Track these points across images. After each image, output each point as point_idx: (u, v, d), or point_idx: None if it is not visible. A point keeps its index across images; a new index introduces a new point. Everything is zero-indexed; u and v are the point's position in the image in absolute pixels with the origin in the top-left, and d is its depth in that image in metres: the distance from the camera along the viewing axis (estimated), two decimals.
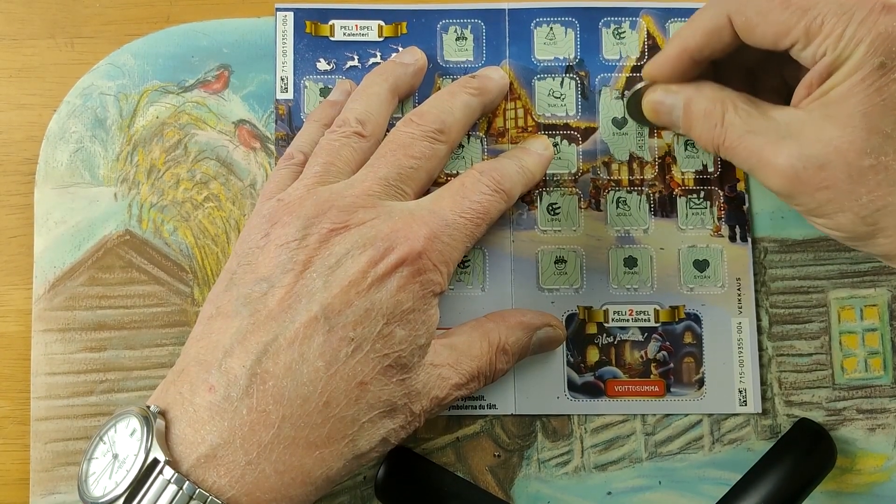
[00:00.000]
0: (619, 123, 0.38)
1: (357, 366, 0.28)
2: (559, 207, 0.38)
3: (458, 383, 0.32)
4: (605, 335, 0.37)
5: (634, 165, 0.38)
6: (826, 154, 0.28)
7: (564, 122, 0.38)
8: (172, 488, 0.25)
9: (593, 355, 0.37)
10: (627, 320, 0.37)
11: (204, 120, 0.38)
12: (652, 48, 0.38)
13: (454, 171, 0.37)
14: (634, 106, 0.36)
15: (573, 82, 0.38)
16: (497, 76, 0.37)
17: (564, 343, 0.37)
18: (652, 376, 0.36)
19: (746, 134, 0.30)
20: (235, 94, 0.38)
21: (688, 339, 0.37)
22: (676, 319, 0.37)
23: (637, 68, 0.38)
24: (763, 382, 0.36)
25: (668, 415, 0.37)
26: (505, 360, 0.33)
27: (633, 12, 0.38)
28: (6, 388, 0.37)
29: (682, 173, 0.38)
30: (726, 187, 0.38)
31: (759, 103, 0.31)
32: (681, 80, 0.34)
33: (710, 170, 0.38)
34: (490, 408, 0.36)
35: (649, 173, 0.38)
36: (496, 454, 0.37)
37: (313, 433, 0.27)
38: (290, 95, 0.38)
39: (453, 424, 0.37)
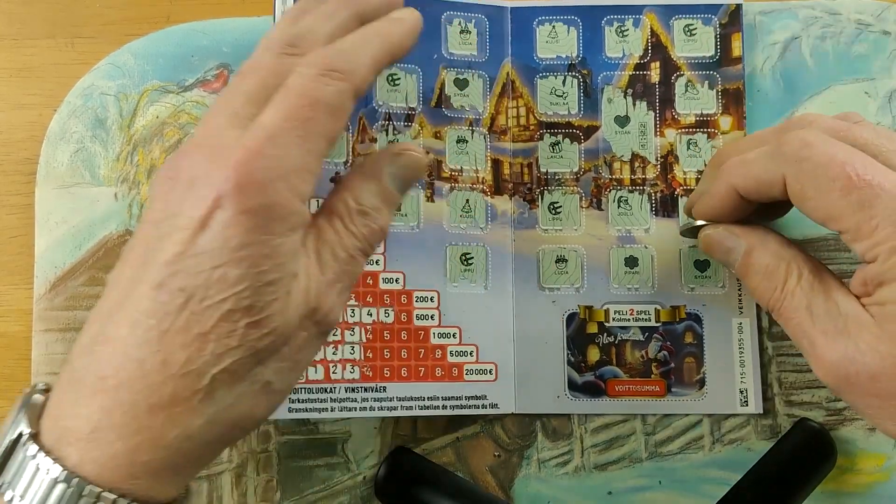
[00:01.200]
0: (621, 122, 0.38)
1: (192, 317, 0.25)
2: (560, 206, 0.38)
3: (330, 281, 0.28)
4: (605, 335, 0.37)
5: (636, 164, 0.38)
6: (881, 368, 0.27)
7: (567, 120, 0.38)
8: (28, 461, 0.25)
9: (594, 355, 0.37)
10: (628, 320, 0.37)
11: None
12: (656, 46, 0.38)
13: (459, 167, 0.37)
14: (690, 234, 0.35)
15: (575, 81, 0.38)
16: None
17: (565, 342, 0.37)
18: (653, 376, 0.36)
19: (804, 311, 0.29)
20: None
21: (689, 339, 0.37)
22: (677, 319, 0.37)
23: (640, 66, 0.38)
24: (763, 382, 0.36)
25: (668, 415, 0.37)
26: (366, 220, 0.29)
27: (636, 10, 0.38)
28: (6, 388, 0.37)
29: (685, 173, 0.38)
30: None
31: (825, 277, 0.30)
32: (733, 218, 0.32)
33: None
34: (492, 407, 0.36)
35: (651, 173, 0.38)
36: (496, 454, 0.37)
37: (154, 394, 0.25)
38: None
39: (453, 424, 0.37)
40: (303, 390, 0.35)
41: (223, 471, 0.36)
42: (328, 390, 0.35)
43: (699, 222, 0.33)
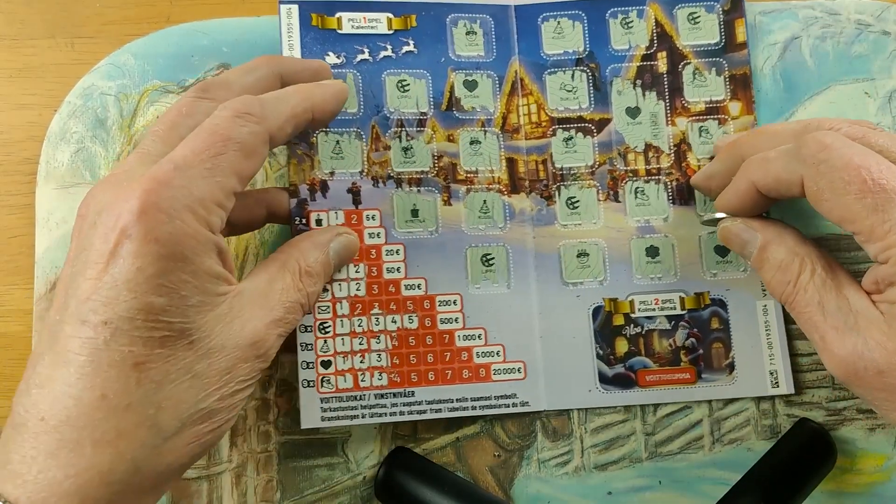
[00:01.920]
0: (632, 113, 0.38)
1: (123, 348, 0.26)
2: (578, 201, 0.38)
3: (275, 319, 0.30)
4: (632, 326, 0.37)
5: (650, 154, 0.38)
6: (889, 364, 0.28)
7: (578, 114, 0.38)
8: None
9: (622, 346, 0.37)
10: (654, 309, 0.37)
11: None
12: (661, 36, 0.38)
13: (474, 168, 0.37)
14: (711, 224, 0.37)
15: (584, 75, 0.38)
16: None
17: (592, 336, 0.37)
18: (682, 364, 0.37)
19: (816, 306, 0.30)
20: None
21: (715, 324, 0.37)
22: (702, 306, 0.37)
23: (647, 56, 0.38)
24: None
25: (669, 414, 0.37)
26: (312, 282, 0.32)
27: (639, 1, 0.38)
28: (6, 388, 0.37)
29: (698, 160, 0.38)
30: None
31: (838, 273, 0.31)
32: (752, 213, 0.34)
33: None
34: (522, 405, 0.36)
35: (666, 162, 0.38)
36: (496, 454, 0.37)
37: (98, 430, 0.25)
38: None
39: (453, 424, 0.37)
40: (333, 399, 0.35)
41: (223, 471, 0.36)
42: (358, 398, 0.35)
43: (719, 214, 0.34)
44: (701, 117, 0.38)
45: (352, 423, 0.35)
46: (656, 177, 0.38)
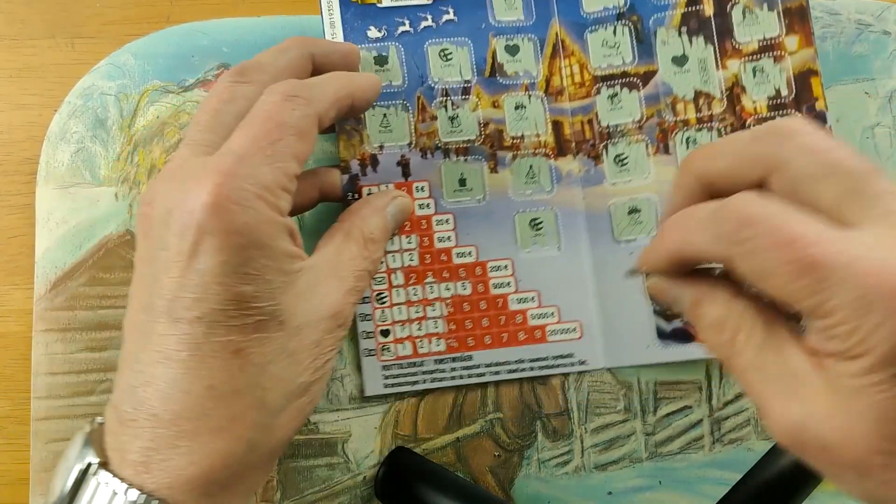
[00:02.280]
0: (679, 62, 0.37)
1: (222, 339, 0.27)
2: (626, 157, 0.37)
3: (348, 289, 0.31)
4: None
5: (701, 102, 0.37)
6: (834, 440, 0.25)
7: (622, 70, 0.38)
8: (101, 487, 0.26)
9: None
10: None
11: None
12: None
13: (520, 134, 0.37)
14: (633, 277, 0.33)
15: (626, 29, 0.38)
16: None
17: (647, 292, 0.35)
18: None
19: (755, 371, 0.27)
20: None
21: None
22: None
23: (692, 1, 0.37)
24: None
25: (668, 414, 0.37)
26: (375, 248, 0.33)
27: None
28: (6, 387, 0.37)
29: (754, 101, 0.37)
30: (804, 108, 0.37)
31: (777, 331, 0.27)
32: (681, 272, 0.30)
33: (785, 93, 0.37)
34: (580, 363, 0.36)
35: (718, 108, 0.37)
36: (496, 454, 0.37)
37: (212, 418, 0.26)
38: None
39: (453, 424, 0.37)
40: (394, 366, 0.36)
41: None
42: (417, 364, 0.36)
43: (641, 274, 0.31)
44: (755, 57, 0.37)
45: (413, 388, 0.36)
46: (708, 124, 0.37)
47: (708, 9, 0.37)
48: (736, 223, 0.25)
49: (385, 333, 0.36)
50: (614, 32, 0.38)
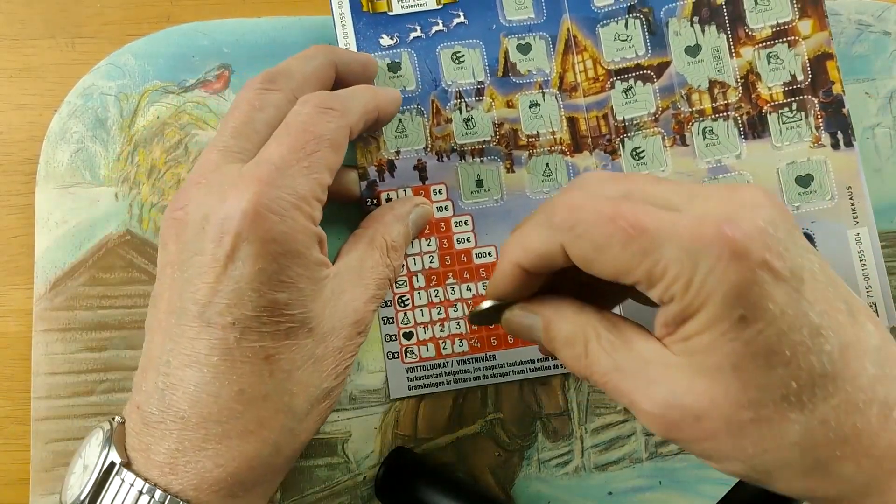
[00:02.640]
0: (692, 52, 0.37)
1: (253, 345, 0.27)
2: (643, 151, 0.37)
3: (370, 297, 0.32)
4: None
5: (716, 91, 0.37)
6: (700, 406, 0.25)
7: (635, 63, 0.37)
8: (126, 486, 0.26)
9: None
10: None
11: (205, 120, 0.38)
12: None
13: (535, 132, 0.37)
14: (480, 320, 0.32)
15: (638, 21, 0.38)
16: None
17: None
18: None
19: (614, 371, 0.27)
20: (236, 94, 0.38)
21: None
22: None
23: None
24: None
25: None
26: (396, 255, 0.34)
27: None
28: (7, 388, 0.37)
29: (769, 88, 0.37)
30: (821, 93, 0.36)
31: (624, 330, 0.28)
32: (526, 294, 0.30)
33: (800, 78, 0.36)
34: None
35: (733, 96, 0.37)
36: (496, 454, 0.37)
37: (241, 422, 0.27)
38: None
39: (453, 424, 0.37)
40: (418, 368, 0.36)
41: None
42: (441, 365, 0.36)
43: (485, 304, 0.31)
44: (769, 43, 0.37)
45: (437, 389, 0.36)
46: (724, 113, 0.37)
47: None
48: (566, 210, 0.27)
49: (408, 336, 0.37)
50: (626, 25, 0.38)
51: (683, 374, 0.26)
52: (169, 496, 0.26)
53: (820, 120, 0.36)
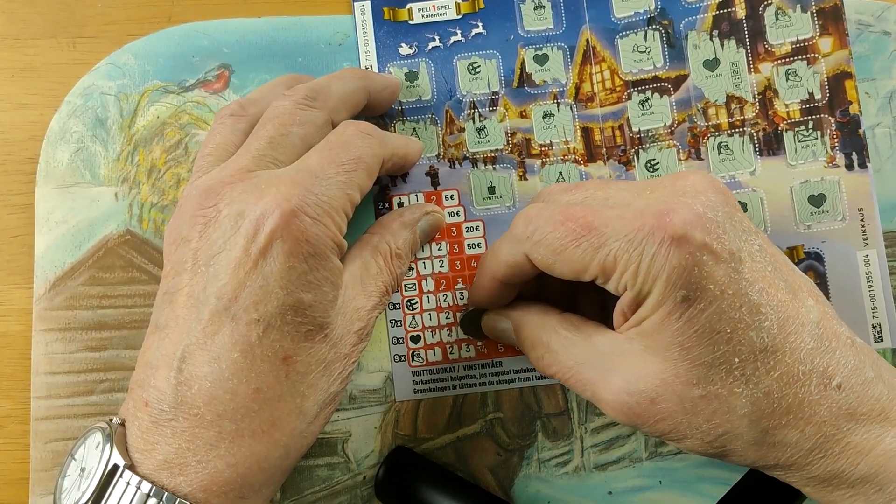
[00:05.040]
0: (710, 65, 0.37)
1: (274, 344, 0.28)
2: (658, 163, 0.37)
3: (373, 306, 0.32)
4: None
5: (733, 106, 0.37)
6: (654, 388, 0.27)
7: (653, 74, 0.38)
8: (132, 490, 0.26)
9: None
10: None
11: (205, 120, 0.38)
12: None
13: (548, 141, 0.37)
14: (468, 325, 0.36)
15: (657, 33, 0.38)
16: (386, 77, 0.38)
17: None
18: None
19: (575, 366, 0.30)
20: (236, 94, 0.38)
21: (811, 279, 0.34)
22: (796, 260, 0.36)
23: (723, 4, 0.37)
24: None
25: None
26: (400, 263, 0.34)
27: None
28: (7, 387, 0.37)
29: (787, 105, 0.36)
30: (837, 112, 0.36)
31: (582, 327, 0.31)
32: (504, 302, 0.34)
33: (818, 96, 0.36)
34: None
35: (750, 112, 0.37)
36: (496, 454, 0.37)
37: (255, 421, 0.27)
38: None
39: (453, 424, 0.37)
40: (424, 372, 0.36)
41: None
42: (448, 370, 0.36)
43: (468, 310, 0.35)
44: (787, 59, 0.37)
45: (443, 394, 0.36)
46: (740, 129, 0.37)
47: (740, 11, 0.37)
48: (524, 221, 0.30)
49: (415, 339, 0.37)
50: (645, 37, 0.38)
51: (637, 360, 0.28)
52: (178, 499, 0.26)
53: (836, 140, 0.36)
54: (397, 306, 0.37)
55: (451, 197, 0.37)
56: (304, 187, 0.29)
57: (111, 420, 0.28)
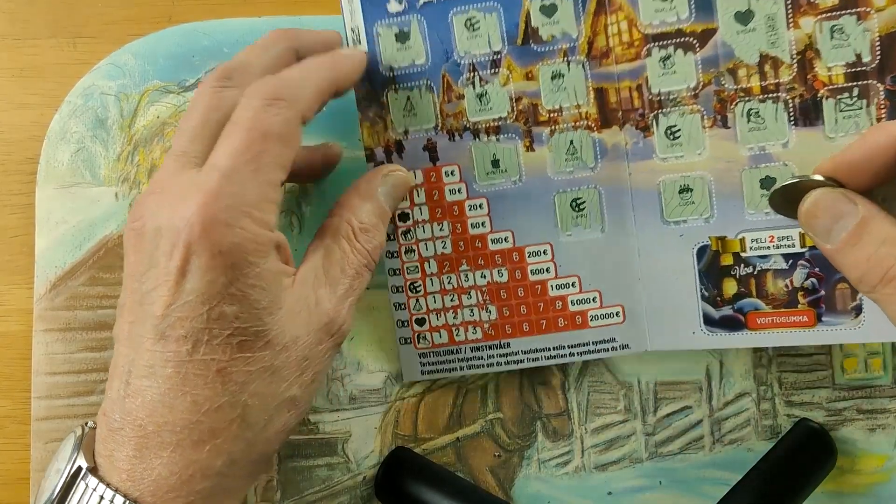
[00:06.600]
0: (743, 18, 0.32)
1: (205, 357, 0.27)
2: (679, 130, 0.33)
3: (342, 294, 0.30)
4: (742, 266, 0.33)
5: (767, 67, 0.32)
6: None
7: (676, 27, 0.33)
8: (90, 492, 0.27)
9: (730, 287, 0.34)
10: (768, 248, 0.33)
11: None
12: None
13: (557, 106, 0.34)
14: (780, 199, 0.31)
15: None
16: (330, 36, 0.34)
17: (697, 276, 0.34)
18: (800, 306, 0.33)
19: None
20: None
21: None
22: None
23: None
24: (762, 383, 0.36)
25: (668, 414, 0.37)
26: (369, 237, 0.32)
27: None
28: (7, 387, 0.37)
29: (829, 69, 0.31)
30: (888, 79, 0.31)
31: None
32: (878, 181, 0.28)
33: (867, 59, 0.31)
34: (623, 348, 0.35)
35: (786, 75, 0.32)
36: (496, 454, 0.37)
37: (194, 432, 0.27)
38: (364, 47, 0.34)
39: (453, 424, 0.37)
40: (431, 354, 0.36)
41: None
42: (454, 352, 0.36)
43: (817, 176, 0.28)
44: (833, 13, 0.31)
45: (450, 375, 0.36)
46: (774, 94, 0.32)
47: None
48: None
49: (420, 322, 0.36)
50: None
51: None
52: (128, 502, 0.26)
53: (882, 111, 0.31)
54: (400, 289, 0.36)
55: (451, 173, 0.35)
56: (213, 193, 0.27)
57: (86, 424, 0.29)
